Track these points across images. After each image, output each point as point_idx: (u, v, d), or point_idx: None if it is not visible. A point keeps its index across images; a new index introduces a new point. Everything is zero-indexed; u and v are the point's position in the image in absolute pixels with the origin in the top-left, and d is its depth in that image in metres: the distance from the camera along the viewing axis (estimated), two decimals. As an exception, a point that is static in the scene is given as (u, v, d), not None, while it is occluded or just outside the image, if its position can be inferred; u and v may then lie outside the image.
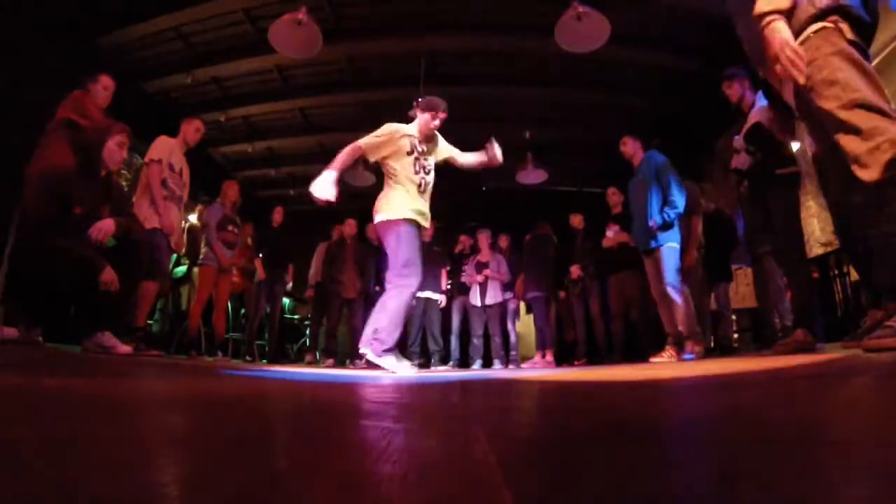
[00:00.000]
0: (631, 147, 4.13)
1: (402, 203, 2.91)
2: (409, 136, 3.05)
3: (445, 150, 3.31)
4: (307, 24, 3.94)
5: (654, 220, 3.72)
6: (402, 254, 2.86)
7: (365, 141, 2.96)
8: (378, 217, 2.96)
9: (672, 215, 3.71)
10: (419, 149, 3.07)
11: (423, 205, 3.04)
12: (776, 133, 2.65)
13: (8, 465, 0.36)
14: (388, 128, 3.04)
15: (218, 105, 5.99)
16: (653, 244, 3.77)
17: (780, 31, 1.64)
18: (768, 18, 1.66)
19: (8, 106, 3.40)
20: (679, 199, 3.73)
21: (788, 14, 1.67)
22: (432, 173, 3.17)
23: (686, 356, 3.49)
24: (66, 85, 3.18)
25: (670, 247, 3.74)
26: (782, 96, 1.92)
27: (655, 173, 3.85)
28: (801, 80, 1.60)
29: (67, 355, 2.31)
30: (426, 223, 3.07)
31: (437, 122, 3.13)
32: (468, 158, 3.37)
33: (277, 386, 1.55)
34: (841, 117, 1.54)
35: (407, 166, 2.98)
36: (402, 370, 2.75)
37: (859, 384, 1.06)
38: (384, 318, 2.82)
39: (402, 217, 2.88)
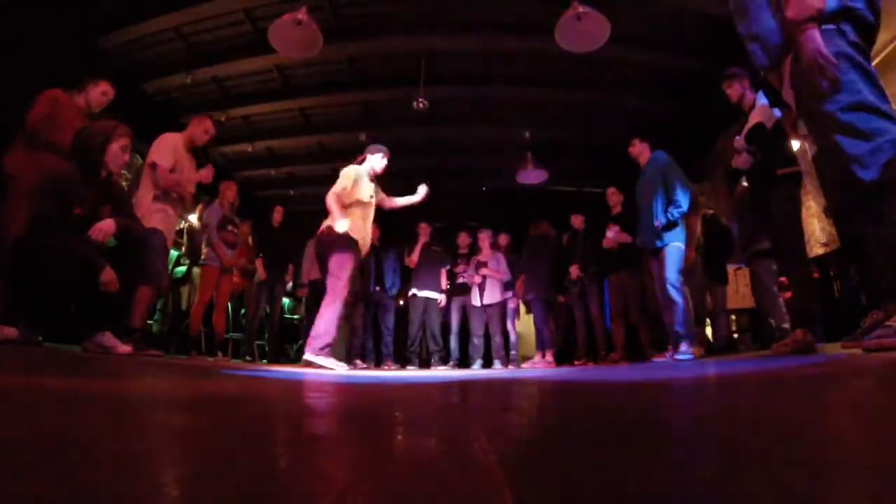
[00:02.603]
0: (638, 148, 4.15)
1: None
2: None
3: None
4: (307, 24, 3.94)
5: (660, 220, 3.75)
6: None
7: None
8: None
9: (676, 215, 3.73)
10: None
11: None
12: (787, 130, 2.65)
13: (8, 464, 0.36)
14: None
15: (218, 105, 5.99)
16: (658, 244, 3.80)
17: (815, 39, 1.61)
18: (806, 25, 1.63)
19: (8, 106, 3.40)
20: (683, 199, 3.76)
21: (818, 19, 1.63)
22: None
23: (679, 356, 3.48)
24: (66, 85, 3.18)
25: (675, 246, 3.75)
26: (782, 96, 1.92)
27: (661, 173, 3.88)
28: (823, 89, 1.58)
29: (67, 355, 2.31)
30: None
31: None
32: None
33: (277, 386, 1.55)
34: (842, 119, 1.54)
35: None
36: (338, 368, 3.17)
37: (859, 384, 1.06)
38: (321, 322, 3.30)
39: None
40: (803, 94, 1.70)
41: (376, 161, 3.75)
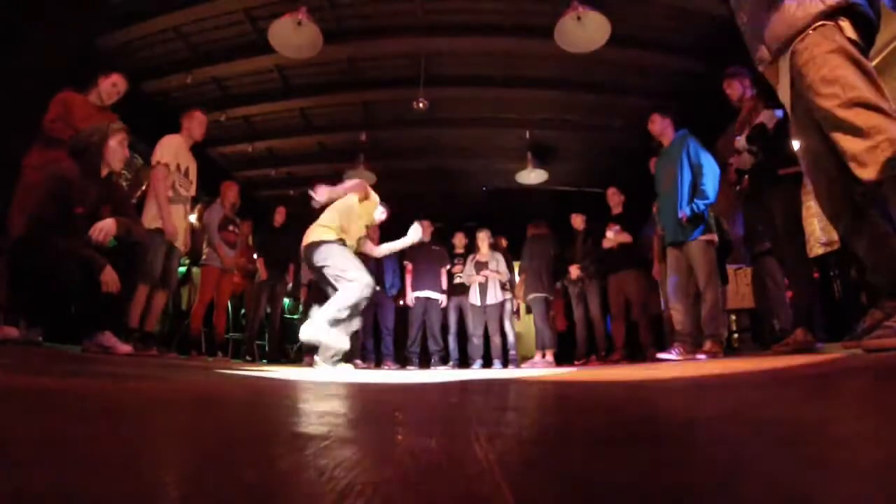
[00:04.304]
0: (659, 125, 3.80)
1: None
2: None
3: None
4: (307, 24, 3.94)
5: (684, 211, 3.41)
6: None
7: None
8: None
9: (702, 206, 3.38)
10: None
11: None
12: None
13: (7, 464, 0.36)
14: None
15: (218, 105, 5.98)
16: (683, 238, 3.47)
17: None
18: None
19: (7, 106, 3.40)
20: (710, 188, 3.40)
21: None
22: None
23: (699, 357, 3.25)
24: (66, 85, 3.18)
25: (706, 240, 3.41)
26: (777, 93, 1.91)
27: (687, 156, 3.52)
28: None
29: (67, 355, 2.31)
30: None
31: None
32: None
33: (277, 386, 1.55)
34: (840, 116, 1.53)
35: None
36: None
37: (859, 384, 1.06)
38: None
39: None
40: (800, 92, 1.69)
41: (378, 213, 3.55)
